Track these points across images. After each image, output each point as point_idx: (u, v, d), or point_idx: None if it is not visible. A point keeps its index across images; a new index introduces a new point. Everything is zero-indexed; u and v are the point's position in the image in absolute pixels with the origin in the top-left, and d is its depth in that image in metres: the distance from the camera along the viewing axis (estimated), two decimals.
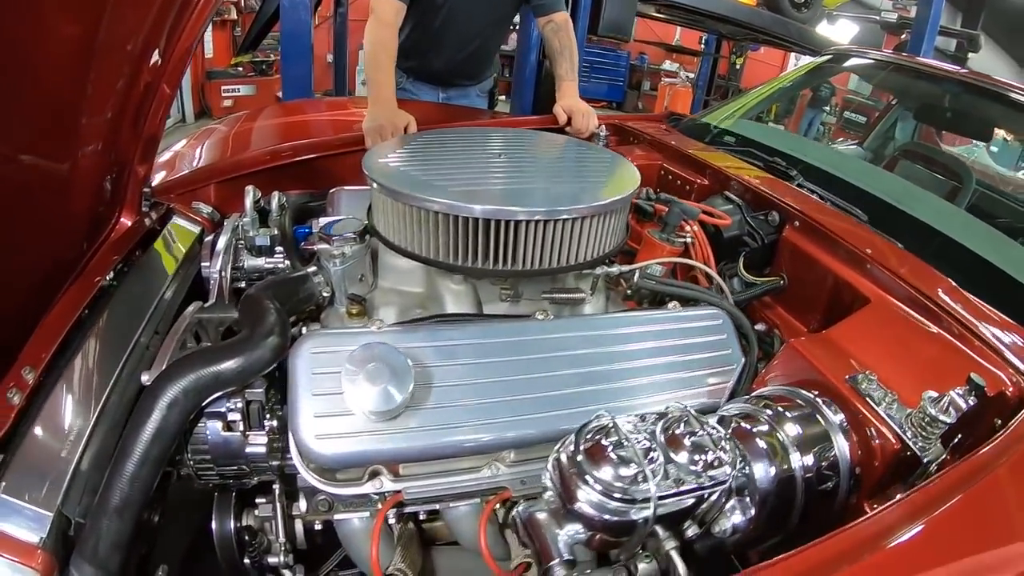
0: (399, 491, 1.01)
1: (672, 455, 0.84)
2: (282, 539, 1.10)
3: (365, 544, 1.05)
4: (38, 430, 0.99)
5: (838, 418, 0.97)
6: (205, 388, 0.98)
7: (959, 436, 0.95)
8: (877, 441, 0.93)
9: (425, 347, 1.00)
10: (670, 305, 1.24)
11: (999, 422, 0.93)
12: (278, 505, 1.10)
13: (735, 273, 1.44)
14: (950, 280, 1.19)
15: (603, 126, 2.10)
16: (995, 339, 1.05)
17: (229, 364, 0.98)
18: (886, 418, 0.93)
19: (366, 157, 1.35)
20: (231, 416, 1.05)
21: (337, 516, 1.07)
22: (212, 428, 1.05)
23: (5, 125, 0.98)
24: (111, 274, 1.31)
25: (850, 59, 2.63)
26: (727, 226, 1.45)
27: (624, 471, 0.79)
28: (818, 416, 0.98)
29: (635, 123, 2.23)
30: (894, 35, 5.61)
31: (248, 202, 1.48)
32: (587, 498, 0.80)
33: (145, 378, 1.07)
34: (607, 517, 0.80)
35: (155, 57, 1.28)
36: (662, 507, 0.80)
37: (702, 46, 8.13)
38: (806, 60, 7.89)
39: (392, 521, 1.07)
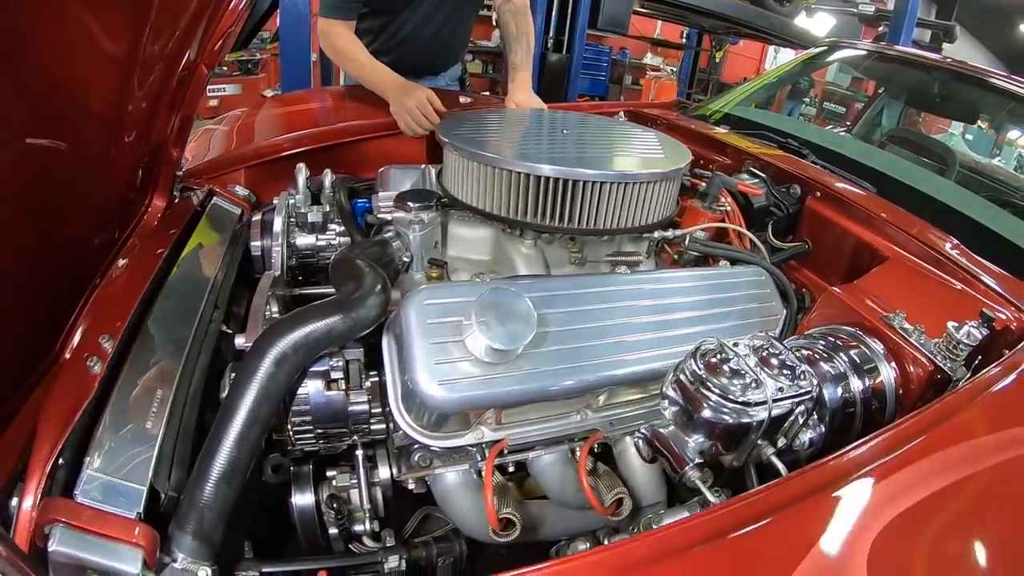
0: (501, 439, 1.12)
1: (767, 371, 1.01)
2: (367, 505, 1.17)
3: (465, 498, 1.15)
4: (121, 401, 1.01)
5: (880, 348, 1.18)
6: (316, 343, 1.03)
7: (978, 360, 1.16)
8: (914, 366, 1.14)
9: (533, 295, 1.09)
10: (721, 264, 1.41)
11: (1007, 352, 1.12)
12: (362, 471, 1.18)
13: (763, 240, 1.64)
14: (953, 238, 1.42)
15: (622, 113, 2.30)
16: (997, 285, 1.26)
17: (340, 319, 1.03)
18: (919, 346, 1.14)
19: (441, 127, 1.50)
20: (334, 374, 1.10)
21: (437, 471, 1.15)
22: (315, 387, 1.09)
23: (51, 114, 1.03)
24: (170, 248, 1.36)
25: (843, 50, 2.92)
26: (758, 197, 1.67)
27: (739, 380, 0.96)
28: (863, 347, 1.18)
29: (650, 109, 2.44)
30: (871, 27, 5.99)
31: (301, 180, 1.58)
32: (710, 406, 0.97)
33: (241, 341, 1.11)
34: (729, 421, 0.96)
35: (194, 45, 1.34)
36: (766, 411, 0.97)
37: (684, 40, 8.50)
38: (784, 53, 8.34)
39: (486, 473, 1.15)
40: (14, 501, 0.87)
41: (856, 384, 1.16)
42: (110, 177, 1.33)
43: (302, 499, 1.16)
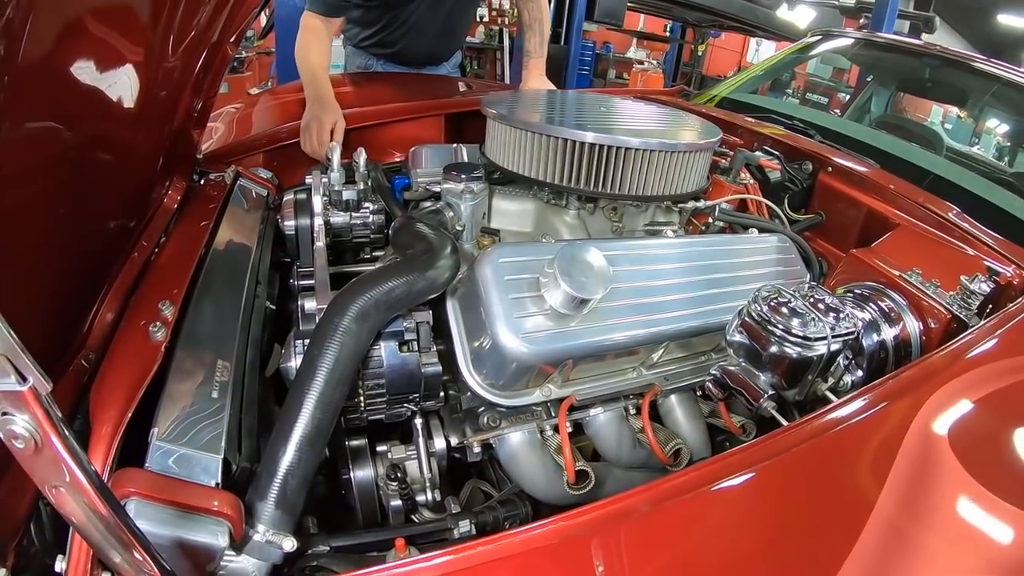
0: (569, 395, 1.21)
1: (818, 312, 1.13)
2: (428, 475, 1.22)
3: (532, 457, 1.23)
4: (183, 370, 1.01)
5: (903, 301, 1.34)
6: (397, 301, 1.07)
7: (989, 308, 1.33)
8: (933, 316, 1.31)
9: None
10: (750, 231, 1.55)
11: (1011, 306, 1.28)
12: (422, 440, 1.23)
13: (777, 214, 1.81)
14: (955, 207, 1.59)
15: (630, 98, 2.45)
16: (997, 246, 1.44)
17: (419, 277, 1.09)
18: (936, 298, 1.31)
19: (485, 101, 1.62)
20: (408, 336, 1.16)
21: (505, 431, 1.22)
22: (389, 349, 1.15)
23: (77, 96, 1.05)
24: (213, 221, 1.42)
25: (836, 39, 3.13)
26: (775, 172, 1.83)
27: (798, 319, 1.09)
28: (888, 299, 1.35)
29: (655, 96, 2.60)
30: (852, 19, 6.26)
31: (335, 158, 1.64)
32: (776, 341, 1.09)
33: (312, 305, 1.17)
34: (793, 355, 1.08)
35: (219, 28, 1.40)
36: (825, 345, 1.09)
37: (667, 33, 8.76)
38: (766, 47, 8.64)
39: (549, 433, 1.25)
40: None
41: (887, 331, 1.32)
42: (134, 159, 1.35)
43: (362, 472, 1.21)
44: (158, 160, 1.49)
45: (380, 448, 1.26)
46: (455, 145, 1.85)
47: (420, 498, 1.22)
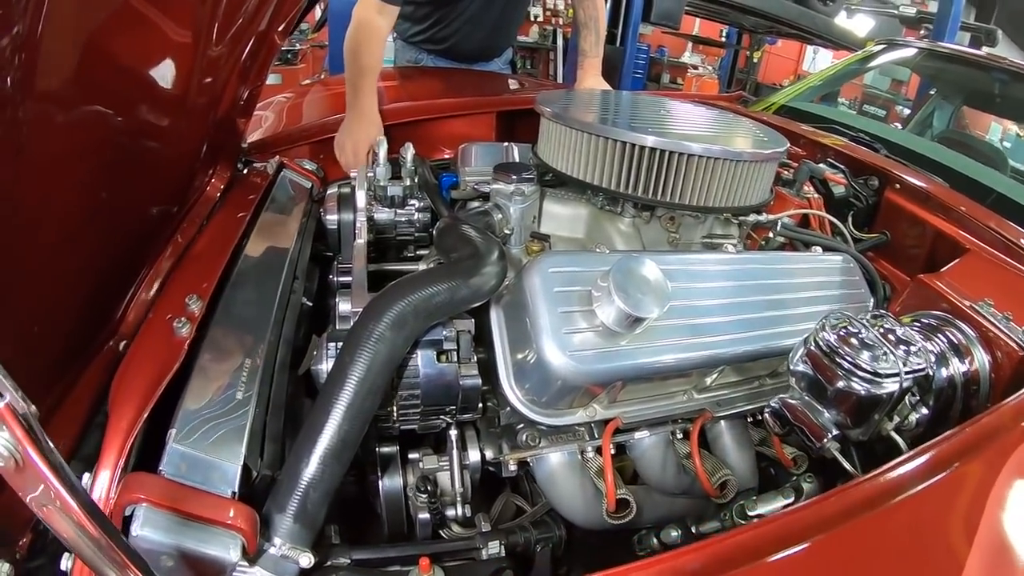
0: (615, 417, 1.12)
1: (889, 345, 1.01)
2: (459, 489, 1.14)
3: (571, 480, 1.14)
4: (208, 368, 0.95)
5: (973, 333, 1.20)
6: (437, 309, 0.99)
7: None
8: (1005, 352, 1.17)
9: None
10: (814, 250, 1.42)
11: None
12: (455, 453, 1.15)
13: (840, 232, 1.66)
14: None
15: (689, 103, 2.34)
16: None
17: (461, 284, 1.01)
18: (1008, 332, 1.18)
19: (540, 99, 1.51)
20: (447, 345, 1.08)
21: (544, 451, 1.13)
22: (426, 358, 1.07)
23: (123, 81, 1.02)
24: (251, 213, 1.36)
25: (898, 48, 2.94)
26: (840, 187, 1.69)
27: (869, 352, 0.97)
28: (958, 332, 1.21)
29: (713, 100, 2.46)
30: (912, 29, 5.99)
31: (381, 153, 1.57)
32: (844, 376, 0.97)
33: (346, 307, 1.09)
34: (861, 392, 0.97)
35: (267, 16, 1.34)
36: (897, 383, 0.97)
37: (723, 38, 8.49)
38: (823, 55, 8.33)
39: (591, 455, 1.15)
40: (86, 477, 0.79)
41: (956, 366, 1.19)
42: (178, 145, 1.32)
43: (391, 482, 1.13)
44: (202, 147, 1.44)
45: (412, 455, 1.19)
46: (506, 144, 1.74)
47: (449, 512, 1.15)
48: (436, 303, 0.99)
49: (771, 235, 1.52)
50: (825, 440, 1.00)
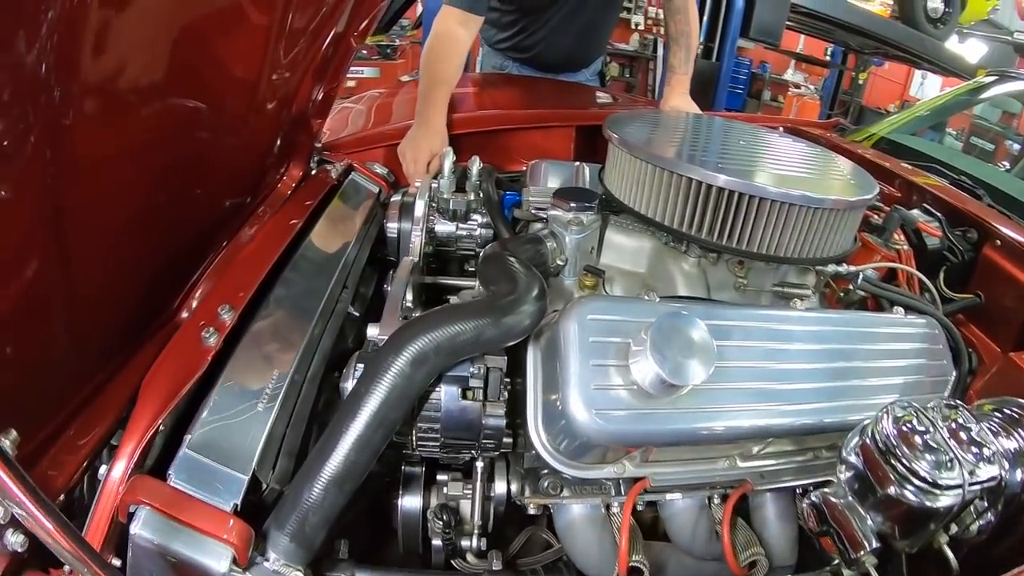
0: (644, 477, 1.00)
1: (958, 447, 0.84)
2: (478, 521, 1.06)
3: (590, 534, 1.04)
4: (233, 378, 0.91)
5: None
6: (461, 348, 0.91)
7: None
8: None
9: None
10: (895, 311, 1.23)
11: None
12: (479, 486, 1.07)
13: (928, 290, 1.44)
14: None
15: (781, 128, 2.11)
16: None
17: (491, 323, 0.91)
18: None
19: (609, 122, 1.37)
20: (473, 383, 0.98)
21: (565, 501, 1.04)
22: (450, 394, 0.98)
23: (195, 72, 0.98)
24: (305, 220, 1.30)
25: (1013, 81, 2.62)
26: (934, 239, 1.47)
27: (932, 456, 0.81)
28: None
29: (808, 128, 2.24)
30: None
31: (447, 165, 1.48)
32: (897, 482, 0.81)
33: (374, 332, 1.01)
34: (913, 503, 0.81)
35: (343, 18, 1.30)
36: (959, 496, 0.81)
37: (828, 57, 7.96)
38: (932, 81, 7.70)
39: (615, 510, 1.04)
40: (103, 469, 0.80)
41: None
42: (248, 141, 1.28)
43: (410, 502, 1.07)
44: (273, 144, 1.39)
45: (440, 477, 1.11)
46: (578, 164, 1.60)
47: (465, 543, 1.07)
48: (460, 342, 0.90)
49: (851, 287, 1.33)
50: (862, 553, 0.84)
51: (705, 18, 4.84)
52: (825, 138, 2.13)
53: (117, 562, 0.76)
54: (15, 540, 0.66)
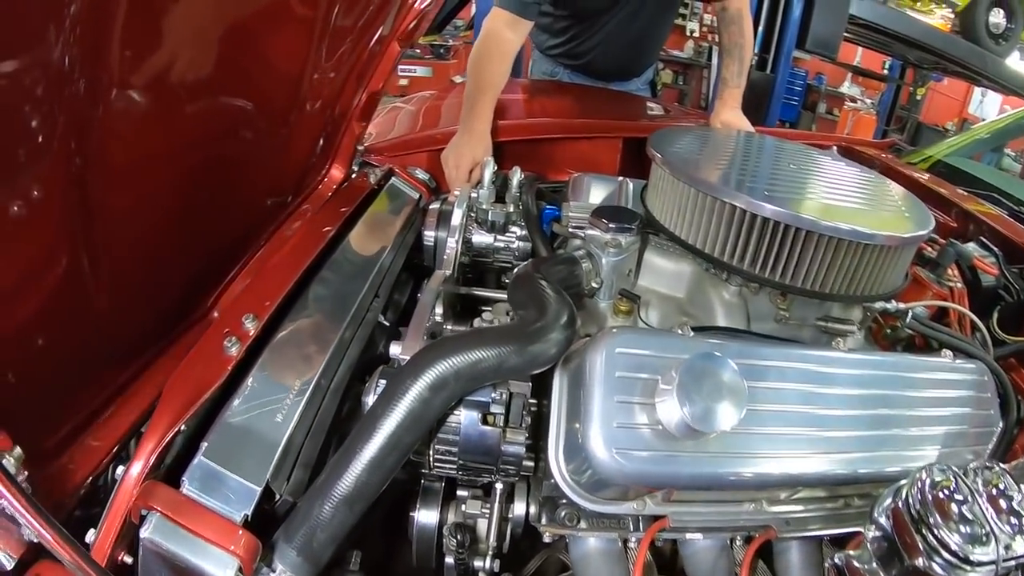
0: (664, 516, 0.94)
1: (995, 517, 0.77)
2: (493, 543, 1.02)
3: (604, 568, 1.00)
4: (253, 389, 0.89)
5: None
6: (482, 375, 0.85)
7: None
8: None
9: (736, 363, 0.87)
10: (944, 354, 1.13)
11: None
12: (497, 508, 1.03)
13: (980, 331, 1.32)
14: None
15: (835, 147, 2.01)
16: None
17: (516, 351, 0.85)
18: None
19: (653, 139, 1.31)
20: (494, 408, 0.94)
21: (581, 533, 0.99)
22: (469, 419, 0.93)
23: (241, 72, 0.96)
24: (338, 227, 1.27)
25: None
26: (990, 277, 1.37)
27: (967, 529, 0.74)
28: None
29: (864, 148, 2.12)
30: None
31: (487, 175, 1.44)
32: (927, 553, 0.75)
33: (397, 351, 0.97)
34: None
35: (388, 20, 1.27)
36: (991, 573, 0.74)
37: (885, 71, 7.63)
38: (991, 98, 7.31)
39: (632, 545, 1.00)
40: (120, 469, 0.80)
41: None
42: (290, 142, 1.26)
43: (426, 517, 1.03)
44: (316, 145, 1.37)
45: (459, 493, 1.07)
46: (621, 179, 1.53)
47: (478, 563, 1.02)
48: (482, 369, 0.84)
49: (899, 324, 1.24)
50: None
51: (760, 28, 4.62)
52: (880, 160, 2.01)
53: (129, 559, 0.76)
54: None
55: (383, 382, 0.95)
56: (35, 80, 0.62)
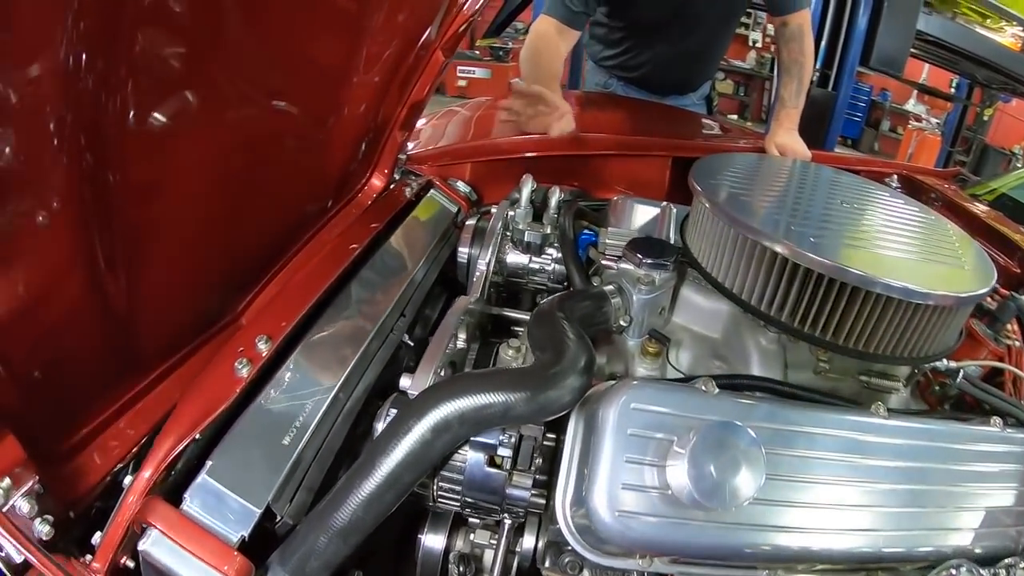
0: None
1: None
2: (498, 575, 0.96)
3: None
4: (263, 410, 0.87)
5: None
6: (487, 421, 0.80)
7: None
8: None
9: (762, 427, 0.81)
10: (993, 422, 1.00)
11: None
12: (504, 543, 0.97)
13: None
14: None
15: (895, 176, 1.87)
16: None
17: (526, 399, 0.79)
18: None
19: (697, 169, 1.21)
20: (501, 451, 0.88)
21: None
22: (475, 460, 0.88)
23: (275, 75, 0.92)
24: (367, 243, 1.21)
25: None
26: None
27: None
28: None
29: (924, 177, 1.94)
30: None
31: (525, 193, 1.37)
32: None
33: (406, 383, 0.92)
34: None
35: (431, 28, 1.21)
36: None
37: (952, 90, 7.16)
38: None
39: None
40: (128, 479, 0.79)
41: None
42: (331, 148, 1.21)
43: (433, 541, 0.99)
44: (356, 152, 1.33)
45: (471, 519, 1.02)
46: (665, 204, 1.43)
47: None
48: (488, 414, 0.78)
49: (948, 382, 1.12)
50: None
51: (823, 43, 4.31)
52: (942, 191, 1.85)
53: (131, 563, 0.75)
54: (42, 529, 0.67)
55: (394, 411, 0.91)
56: (34, 79, 0.59)
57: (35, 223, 0.67)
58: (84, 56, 0.61)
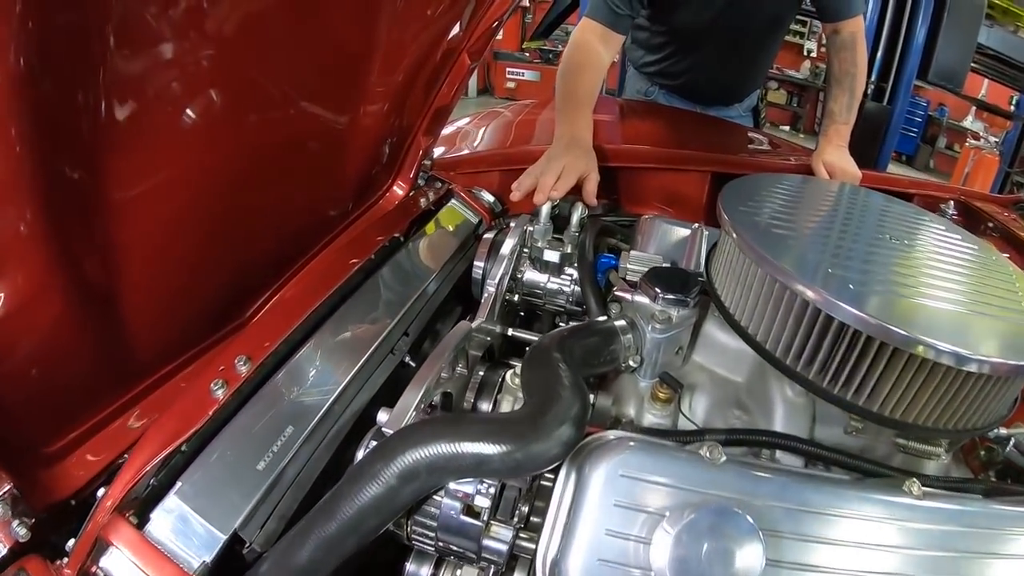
0: None
1: None
2: None
3: None
4: (239, 433, 0.81)
5: None
6: (460, 471, 0.71)
7: None
8: None
9: (771, 506, 0.70)
10: None
11: None
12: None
13: None
14: None
15: (952, 203, 1.66)
16: None
17: (506, 453, 0.68)
18: None
19: (727, 191, 1.06)
20: (479, 502, 0.77)
21: None
22: (449, 507, 0.77)
23: (291, 71, 0.86)
24: (371, 256, 1.13)
25: None
26: None
27: None
28: None
29: (982, 203, 1.72)
30: None
31: (545, 209, 1.25)
32: None
33: (384, 418, 0.81)
34: None
35: (456, 28, 1.14)
36: None
37: (1012, 107, 6.57)
38: None
39: None
40: (101, 491, 0.75)
41: None
42: (353, 152, 1.15)
43: (416, 570, 0.89)
44: (379, 155, 1.26)
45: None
46: (696, 226, 1.28)
47: None
48: (459, 465, 0.69)
49: (995, 448, 0.96)
50: None
51: (878, 55, 3.96)
52: (1001, 220, 1.64)
53: (101, 573, 0.72)
54: (19, 531, 0.66)
55: (373, 443, 0.82)
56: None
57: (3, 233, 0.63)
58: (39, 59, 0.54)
